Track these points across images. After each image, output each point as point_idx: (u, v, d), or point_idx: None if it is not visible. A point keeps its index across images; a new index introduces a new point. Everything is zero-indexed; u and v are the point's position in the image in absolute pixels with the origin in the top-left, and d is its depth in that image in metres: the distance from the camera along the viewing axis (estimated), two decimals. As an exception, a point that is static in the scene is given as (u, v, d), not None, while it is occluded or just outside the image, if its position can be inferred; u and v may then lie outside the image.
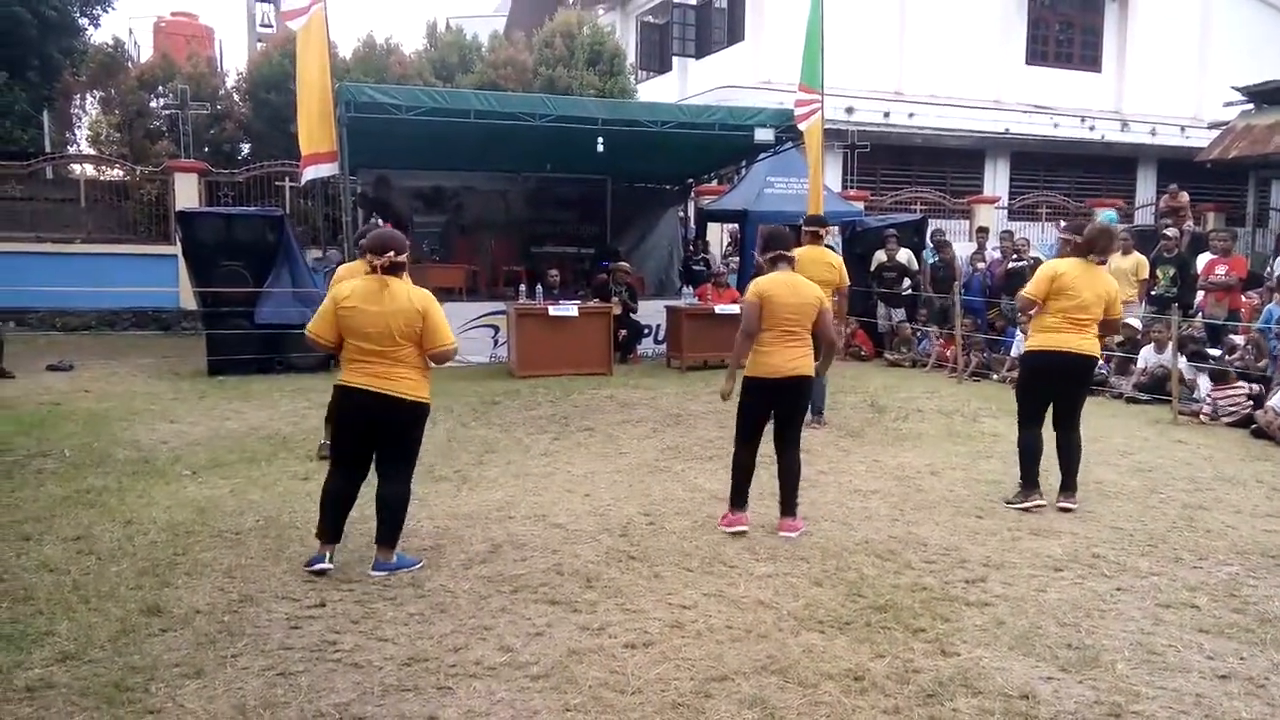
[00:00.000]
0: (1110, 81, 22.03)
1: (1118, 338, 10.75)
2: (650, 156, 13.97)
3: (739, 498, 5.41)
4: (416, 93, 11.62)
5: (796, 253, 7.88)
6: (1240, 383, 8.87)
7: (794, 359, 5.25)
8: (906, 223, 14.47)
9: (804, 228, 8.37)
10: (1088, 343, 5.85)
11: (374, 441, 4.68)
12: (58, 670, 3.58)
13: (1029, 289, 5.97)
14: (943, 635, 3.98)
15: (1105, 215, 14.64)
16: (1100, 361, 6.70)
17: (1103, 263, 6.07)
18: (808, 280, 5.50)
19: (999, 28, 20.76)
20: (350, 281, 4.73)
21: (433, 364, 4.72)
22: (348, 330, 4.54)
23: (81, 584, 4.44)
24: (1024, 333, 10.66)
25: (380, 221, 8.51)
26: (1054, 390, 5.95)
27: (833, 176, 18.15)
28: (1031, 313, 6.03)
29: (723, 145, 13.38)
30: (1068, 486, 5.92)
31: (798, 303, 5.25)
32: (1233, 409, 8.65)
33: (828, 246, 8.81)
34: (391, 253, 4.54)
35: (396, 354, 4.53)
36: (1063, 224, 6.14)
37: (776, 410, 5.37)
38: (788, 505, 5.37)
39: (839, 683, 3.56)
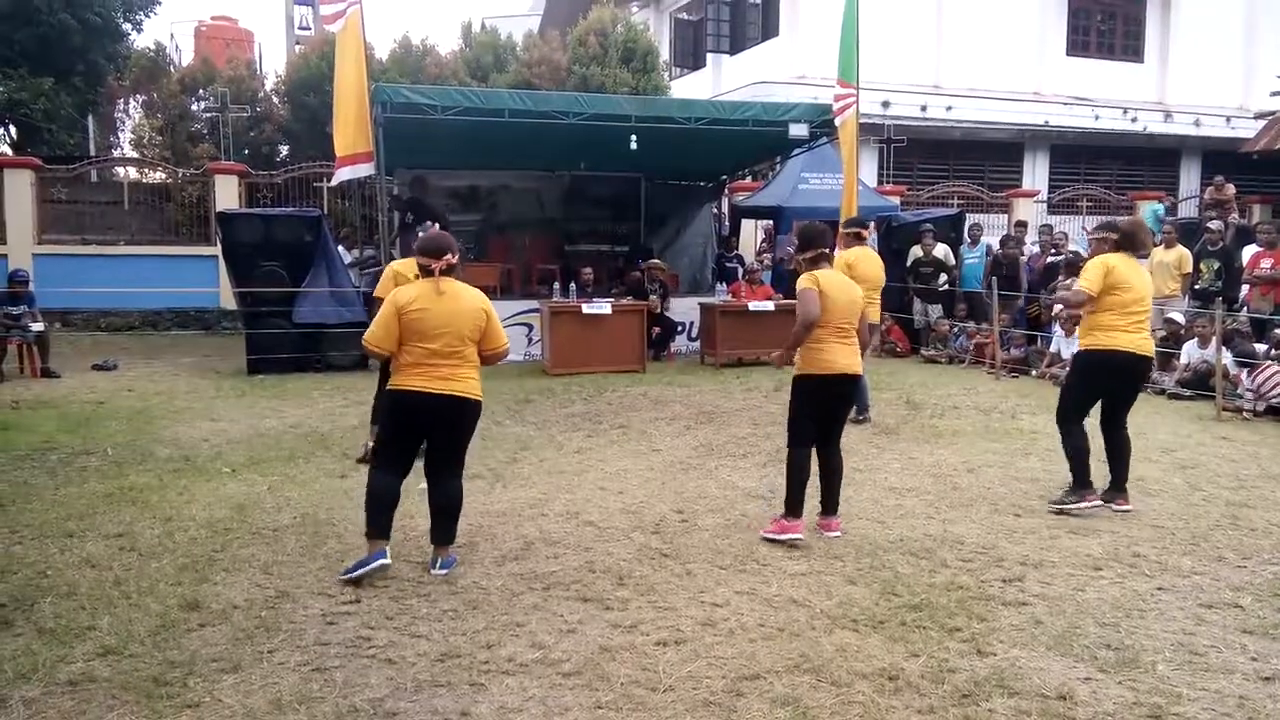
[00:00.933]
0: (1153, 72, 21.62)
1: (1161, 332, 10.60)
2: (684, 153, 13.94)
3: (798, 504, 5.19)
4: (452, 93, 11.70)
5: (848, 255, 7.88)
6: (1270, 363, 8.71)
7: (849, 356, 5.23)
8: (943, 217, 14.32)
9: (844, 230, 8.33)
10: (1147, 341, 5.75)
11: (428, 441, 4.70)
12: (99, 664, 3.64)
13: (1085, 282, 5.69)
14: (979, 635, 3.93)
15: (1150, 209, 14.37)
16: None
17: (1143, 258, 5.96)
18: (851, 281, 5.49)
19: (1039, 18, 20.46)
20: (407, 288, 4.71)
21: (486, 364, 4.75)
22: (412, 335, 4.52)
23: (123, 580, 4.52)
24: (1064, 330, 10.58)
25: (430, 224, 8.59)
26: (1111, 391, 5.80)
27: (869, 171, 18.00)
28: (1084, 310, 5.82)
29: (757, 141, 13.33)
30: (1122, 488, 5.76)
31: (849, 300, 5.24)
32: (1274, 391, 8.48)
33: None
34: (449, 255, 4.58)
35: (461, 354, 4.57)
36: (1091, 226, 5.99)
37: (827, 409, 5.28)
38: (830, 503, 5.31)
39: (873, 682, 3.53)
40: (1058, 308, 10.50)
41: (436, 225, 9.49)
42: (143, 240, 16.50)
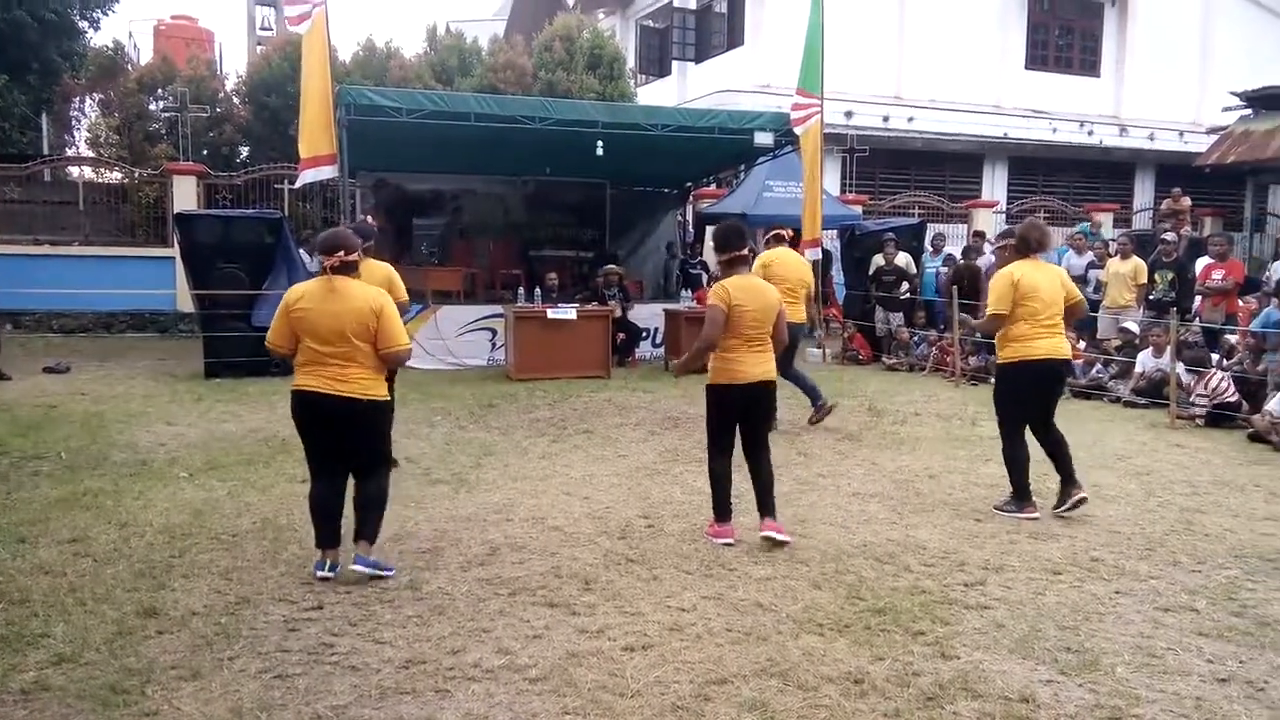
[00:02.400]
0: (1109, 86, 22.05)
1: (1115, 341, 10.80)
2: (649, 160, 13.98)
3: (724, 508, 5.29)
4: (417, 96, 11.63)
5: (764, 257, 8.00)
6: (1217, 371, 8.95)
7: (759, 364, 5.21)
8: (905, 227, 14.50)
9: (769, 234, 8.49)
10: (1063, 344, 5.86)
11: (340, 443, 4.63)
12: (53, 673, 3.56)
13: (993, 305, 5.81)
14: (942, 638, 3.97)
15: (1081, 228, 14.72)
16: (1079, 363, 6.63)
17: (1046, 257, 6.04)
18: (768, 284, 5.46)
19: (998, 32, 20.78)
20: (299, 285, 4.72)
21: (387, 366, 4.69)
22: (302, 334, 4.52)
23: (77, 586, 4.42)
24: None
25: (370, 220, 8.54)
26: (1036, 398, 5.88)
27: (832, 180, 18.14)
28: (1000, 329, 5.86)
29: (722, 149, 13.39)
30: (1073, 480, 5.82)
31: (761, 307, 5.18)
32: (1228, 391, 8.77)
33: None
34: (341, 252, 4.52)
35: (350, 354, 4.50)
36: (993, 239, 6.06)
37: (744, 417, 5.30)
38: (766, 506, 5.26)
39: (839, 685, 3.55)
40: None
41: (369, 219, 9.47)
42: (97, 241, 16.19)
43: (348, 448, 4.65)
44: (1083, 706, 3.42)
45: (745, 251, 5.38)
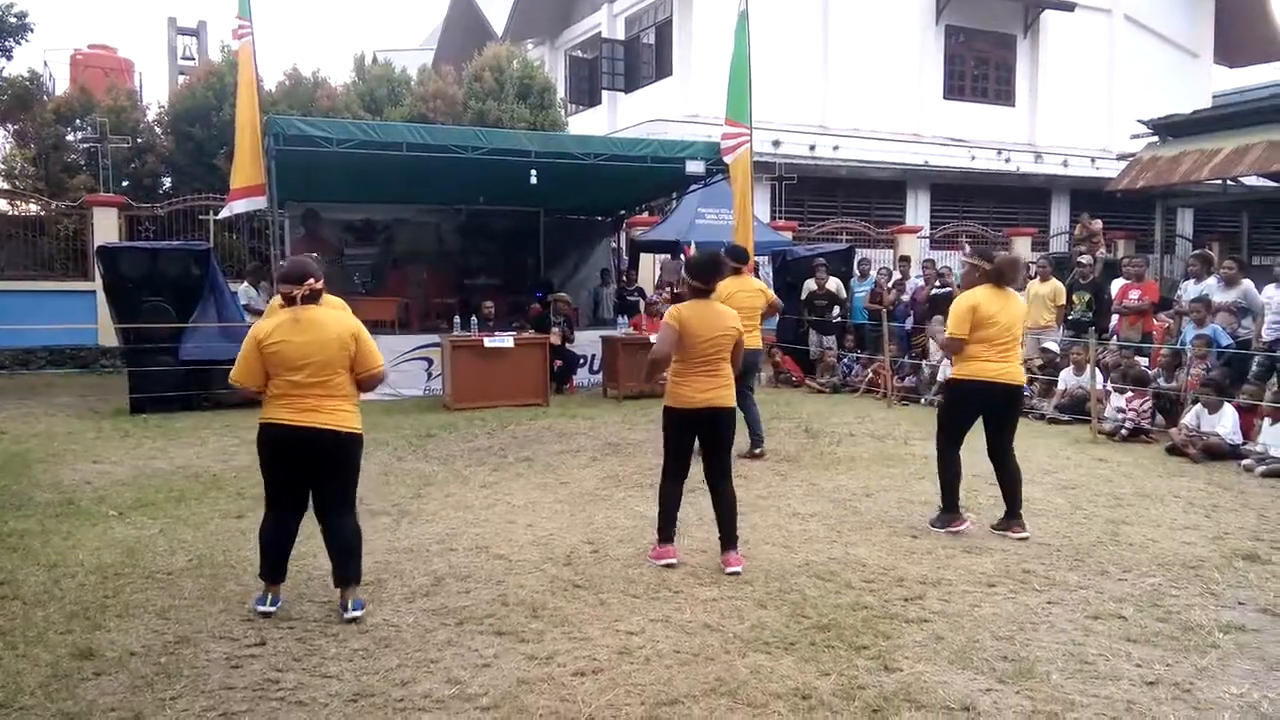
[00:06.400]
0: (1023, 115, 22.91)
1: (1037, 361, 11.16)
2: (582, 189, 14.09)
3: (668, 530, 5.30)
4: (347, 125, 11.57)
5: (734, 285, 8.05)
6: (1142, 389, 9.31)
7: (709, 389, 5.15)
8: (835, 252, 14.84)
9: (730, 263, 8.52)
10: (1016, 369, 5.94)
11: (311, 478, 4.50)
12: (-15, 720, 3.45)
13: (953, 329, 5.86)
14: (885, 652, 4.06)
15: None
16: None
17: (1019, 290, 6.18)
18: (728, 309, 5.36)
19: (917, 63, 21.46)
20: (267, 320, 4.52)
21: (364, 390, 4.59)
22: (277, 368, 4.37)
23: (6, 630, 4.27)
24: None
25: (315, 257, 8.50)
26: (984, 418, 5.96)
27: (762, 207, 18.48)
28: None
29: (654, 177, 13.57)
30: (1017, 515, 5.92)
31: (714, 335, 5.13)
32: (1145, 408, 9.15)
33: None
34: (311, 280, 4.43)
35: (329, 384, 4.40)
36: (968, 248, 6.10)
37: (700, 442, 5.26)
38: (727, 538, 5.24)
39: (787, 702, 3.61)
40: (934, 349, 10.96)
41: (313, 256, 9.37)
42: (13, 275, 15.71)
43: (321, 483, 4.50)
44: (1021, 713, 3.53)
45: (711, 286, 5.30)
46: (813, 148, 20.22)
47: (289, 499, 4.54)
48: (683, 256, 7.83)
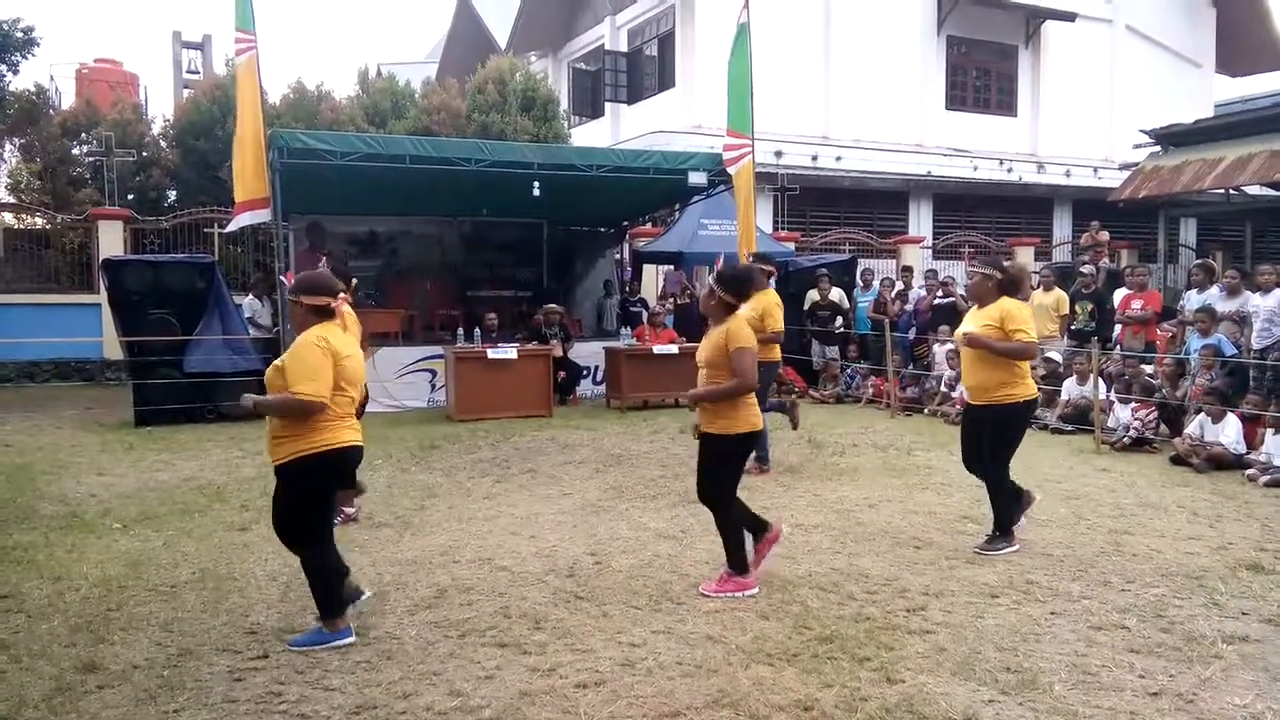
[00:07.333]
0: (1025, 125, 22.94)
1: (1040, 370, 11.15)
2: (585, 200, 14.13)
3: (744, 559, 5.05)
4: (351, 138, 11.62)
5: (771, 299, 7.91)
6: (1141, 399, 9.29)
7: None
8: (837, 262, 14.87)
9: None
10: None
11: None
12: (-11, 733, 3.46)
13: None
14: (887, 663, 4.06)
15: None
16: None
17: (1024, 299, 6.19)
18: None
19: (919, 74, 21.49)
20: (320, 332, 4.20)
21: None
22: (346, 381, 4.17)
23: (11, 643, 4.29)
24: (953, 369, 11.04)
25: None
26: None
27: (764, 218, 18.49)
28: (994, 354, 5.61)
29: (657, 189, 13.60)
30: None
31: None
32: (1151, 419, 9.13)
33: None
34: (344, 290, 4.38)
35: (360, 397, 4.41)
36: (977, 259, 5.98)
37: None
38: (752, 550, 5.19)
39: (789, 714, 3.61)
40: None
41: (324, 261, 9.42)
42: (20, 289, 15.77)
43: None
44: (1024, 724, 3.53)
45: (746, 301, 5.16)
46: (815, 158, 20.25)
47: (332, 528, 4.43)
48: (713, 266, 7.77)
